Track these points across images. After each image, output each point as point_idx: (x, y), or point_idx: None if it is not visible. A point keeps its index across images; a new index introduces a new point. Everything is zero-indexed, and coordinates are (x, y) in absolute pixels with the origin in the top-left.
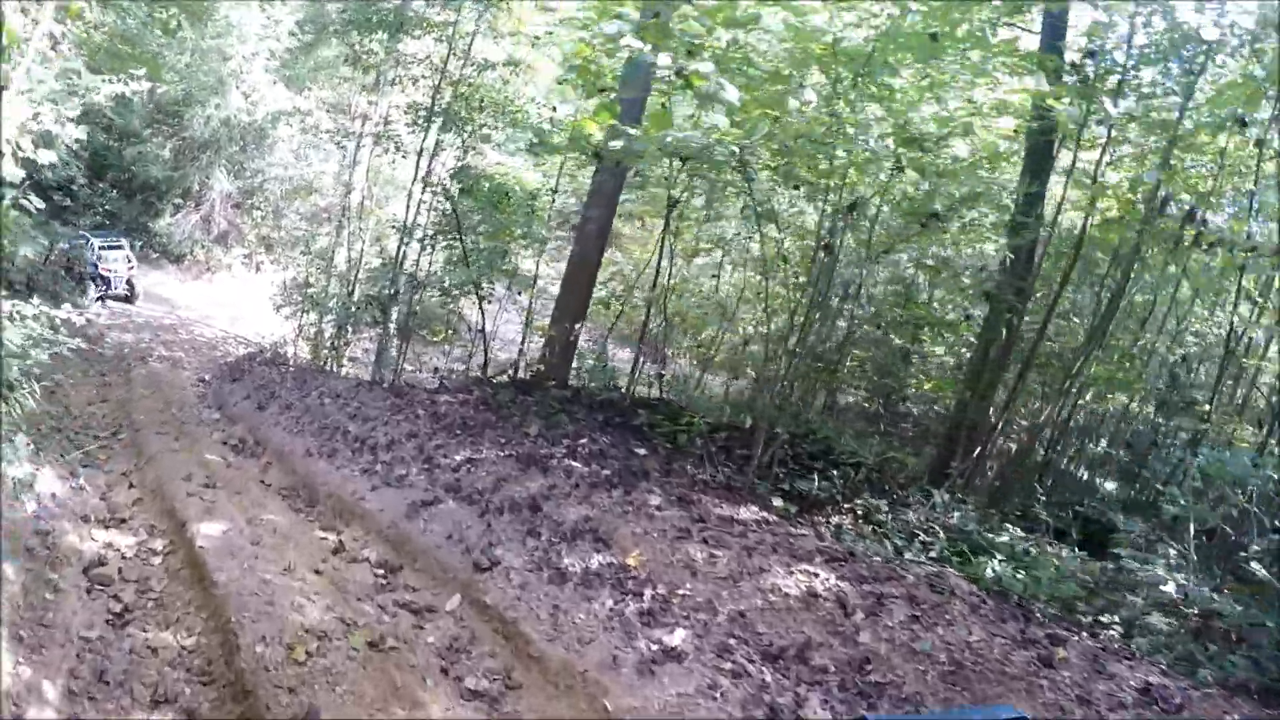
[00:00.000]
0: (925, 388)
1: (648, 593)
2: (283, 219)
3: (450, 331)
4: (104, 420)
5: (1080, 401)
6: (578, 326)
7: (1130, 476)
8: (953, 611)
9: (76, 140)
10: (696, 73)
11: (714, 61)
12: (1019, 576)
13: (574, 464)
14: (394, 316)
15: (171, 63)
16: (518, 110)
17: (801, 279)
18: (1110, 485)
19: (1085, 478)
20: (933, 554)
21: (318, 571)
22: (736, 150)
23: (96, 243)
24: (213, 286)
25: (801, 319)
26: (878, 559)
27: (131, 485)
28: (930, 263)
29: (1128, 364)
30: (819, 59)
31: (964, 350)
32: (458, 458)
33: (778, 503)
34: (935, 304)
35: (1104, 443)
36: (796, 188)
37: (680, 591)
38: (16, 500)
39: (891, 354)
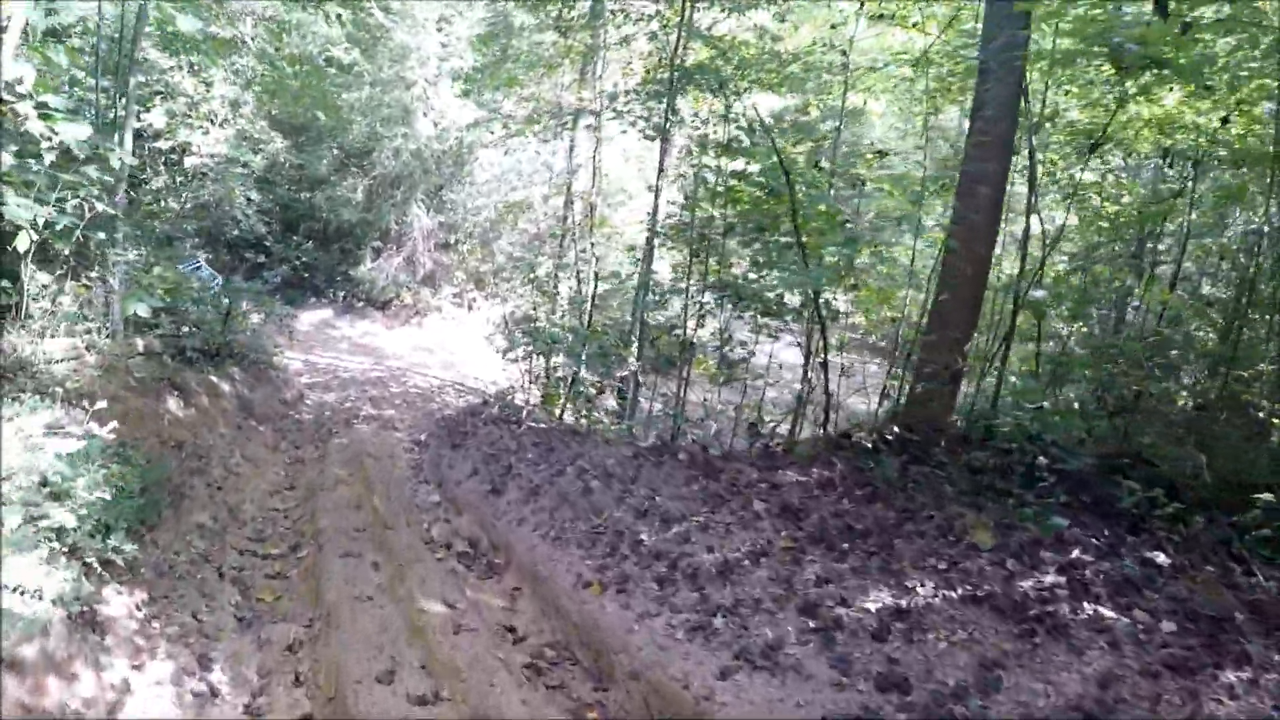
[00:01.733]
0: None
1: None
2: (492, 249)
3: (718, 366)
4: (284, 524)
5: None
6: (968, 346)
7: None
8: None
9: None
10: None
11: None
12: None
13: (1100, 610)
14: (635, 347)
15: (350, 101)
16: (789, 59)
17: None
18: None
19: None
20: None
21: None
22: None
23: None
24: (423, 331)
25: None
26: None
27: (297, 679)
28: None
29: None
30: None
31: None
32: (869, 604)
33: None
34: None
35: None
36: None
37: None
38: None
39: None
